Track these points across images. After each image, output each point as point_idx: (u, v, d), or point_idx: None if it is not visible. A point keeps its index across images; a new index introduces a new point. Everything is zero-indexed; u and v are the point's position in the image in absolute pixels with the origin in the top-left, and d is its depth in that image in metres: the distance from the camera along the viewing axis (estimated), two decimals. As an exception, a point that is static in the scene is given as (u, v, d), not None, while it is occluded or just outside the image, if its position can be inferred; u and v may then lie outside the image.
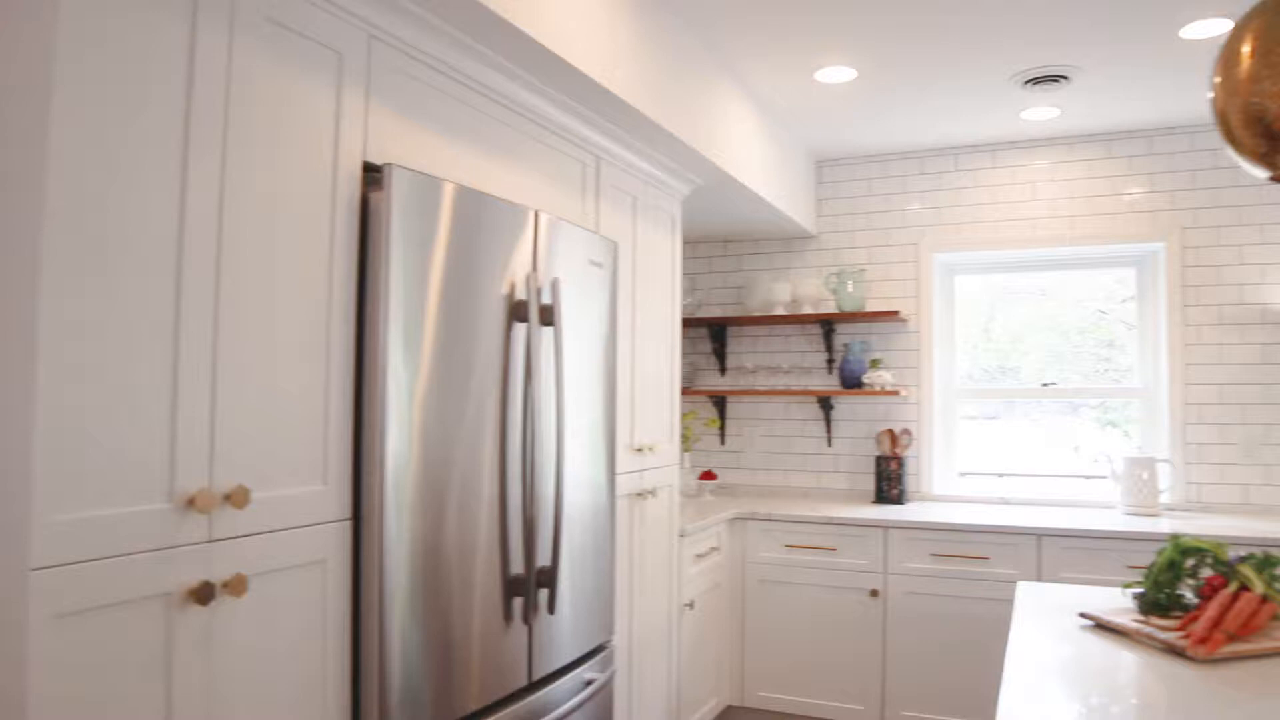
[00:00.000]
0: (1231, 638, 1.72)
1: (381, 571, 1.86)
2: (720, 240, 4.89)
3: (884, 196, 4.64)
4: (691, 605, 3.62)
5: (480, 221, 2.15)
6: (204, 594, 1.53)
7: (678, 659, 3.51)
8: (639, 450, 3.17)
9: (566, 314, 2.48)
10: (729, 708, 4.05)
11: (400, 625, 1.89)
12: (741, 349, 4.83)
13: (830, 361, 4.61)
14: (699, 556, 3.72)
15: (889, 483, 4.31)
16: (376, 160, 1.94)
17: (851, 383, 4.42)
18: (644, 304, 3.28)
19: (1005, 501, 4.31)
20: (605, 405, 2.74)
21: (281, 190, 1.72)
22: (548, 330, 2.35)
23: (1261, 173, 1.57)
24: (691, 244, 4.93)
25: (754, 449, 4.78)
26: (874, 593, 3.82)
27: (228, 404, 1.60)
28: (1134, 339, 4.41)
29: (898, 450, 4.36)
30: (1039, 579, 3.61)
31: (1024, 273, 4.65)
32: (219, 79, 1.59)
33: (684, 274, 4.87)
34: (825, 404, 4.59)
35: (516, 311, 2.25)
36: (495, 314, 2.19)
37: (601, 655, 2.71)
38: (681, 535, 3.52)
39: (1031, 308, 4.67)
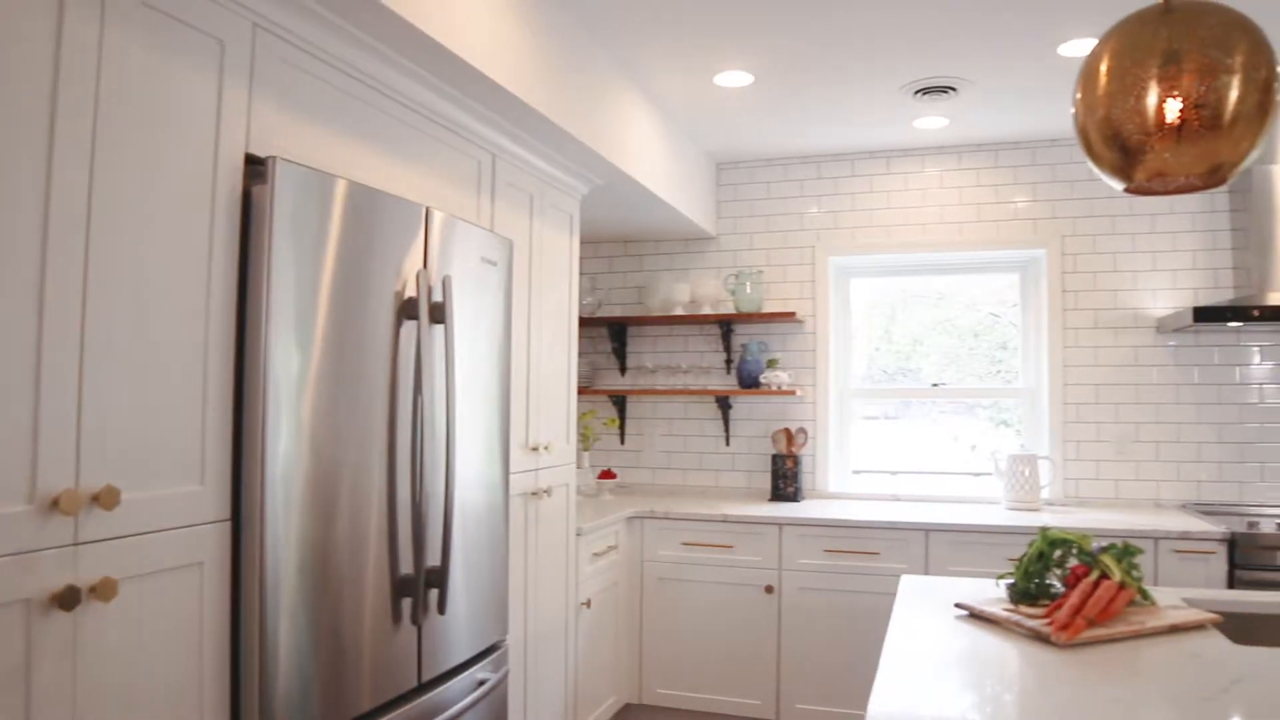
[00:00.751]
0: (1091, 623, 1.81)
1: (262, 574, 1.81)
2: (621, 240, 4.91)
3: (782, 200, 4.73)
4: (589, 604, 3.63)
5: (373, 218, 2.11)
6: (69, 599, 1.47)
7: (575, 657, 3.51)
8: (534, 449, 3.16)
9: (458, 312, 2.46)
10: (627, 705, 4.07)
11: (285, 628, 1.85)
12: (642, 349, 4.86)
13: (729, 361, 4.68)
14: (596, 555, 3.73)
15: (785, 481, 4.39)
16: (261, 153, 1.89)
17: (749, 383, 4.49)
18: (541, 302, 3.27)
19: (896, 498, 4.44)
20: (499, 404, 2.72)
21: (158, 182, 1.66)
22: (439, 328, 2.32)
23: (1119, 184, 1.65)
24: (593, 243, 4.94)
25: (654, 448, 4.81)
26: (769, 589, 3.89)
27: (96, 402, 1.54)
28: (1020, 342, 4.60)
29: (794, 449, 4.45)
30: (926, 573, 3.72)
31: (915, 276, 4.80)
32: (88, 68, 1.53)
33: (585, 273, 4.87)
34: (724, 403, 4.65)
35: (406, 309, 2.22)
36: (385, 312, 2.15)
37: (495, 655, 2.70)
38: (579, 534, 3.52)
39: (930, 311, 4.82)
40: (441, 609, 2.35)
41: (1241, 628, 2.14)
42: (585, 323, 4.68)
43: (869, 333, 4.87)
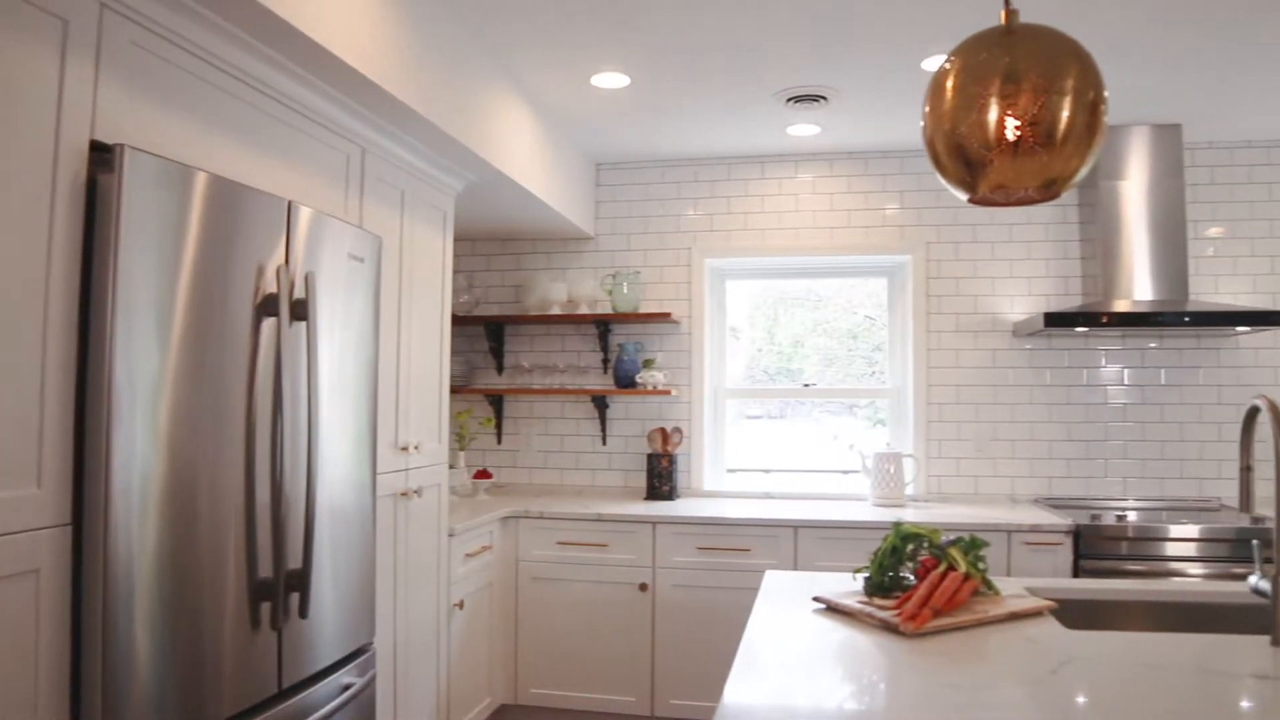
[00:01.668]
0: (938, 613, 1.89)
1: (107, 581, 1.73)
2: (499, 239, 4.87)
3: (660, 201, 4.78)
4: (462, 605, 3.59)
5: (234, 213, 2.04)
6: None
7: (447, 659, 3.47)
8: (404, 449, 3.11)
9: (323, 309, 2.40)
10: (502, 706, 4.05)
11: (134, 636, 1.77)
12: (519, 348, 4.83)
13: (606, 361, 4.70)
14: (470, 556, 3.70)
15: (660, 480, 4.44)
16: (109, 140, 1.80)
17: (626, 382, 4.53)
18: (413, 300, 3.22)
19: (769, 496, 4.54)
20: (367, 403, 2.67)
21: (-15, 165, 1.57)
22: (301, 326, 2.26)
23: (963, 195, 1.73)
24: (469, 241, 4.89)
25: (530, 448, 4.79)
26: (643, 587, 3.93)
27: (-87, 399, 1.44)
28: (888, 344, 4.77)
29: (669, 448, 4.50)
30: (796, 568, 3.82)
31: (788, 279, 4.93)
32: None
33: (462, 272, 4.81)
34: (600, 403, 4.67)
35: (267, 306, 2.16)
36: (245, 309, 2.08)
37: (362, 658, 2.64)
38: (451, 534, 3.48)
39: (810, 314, 4.96)
40: (303, 613, 2.29)
41: (1076, 613, 2.28)
42: (461, 321, 4.63)
43: (752, 334, 4.98)
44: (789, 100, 3.86)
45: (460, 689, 3.60)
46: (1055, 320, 3.93)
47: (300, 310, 2.25)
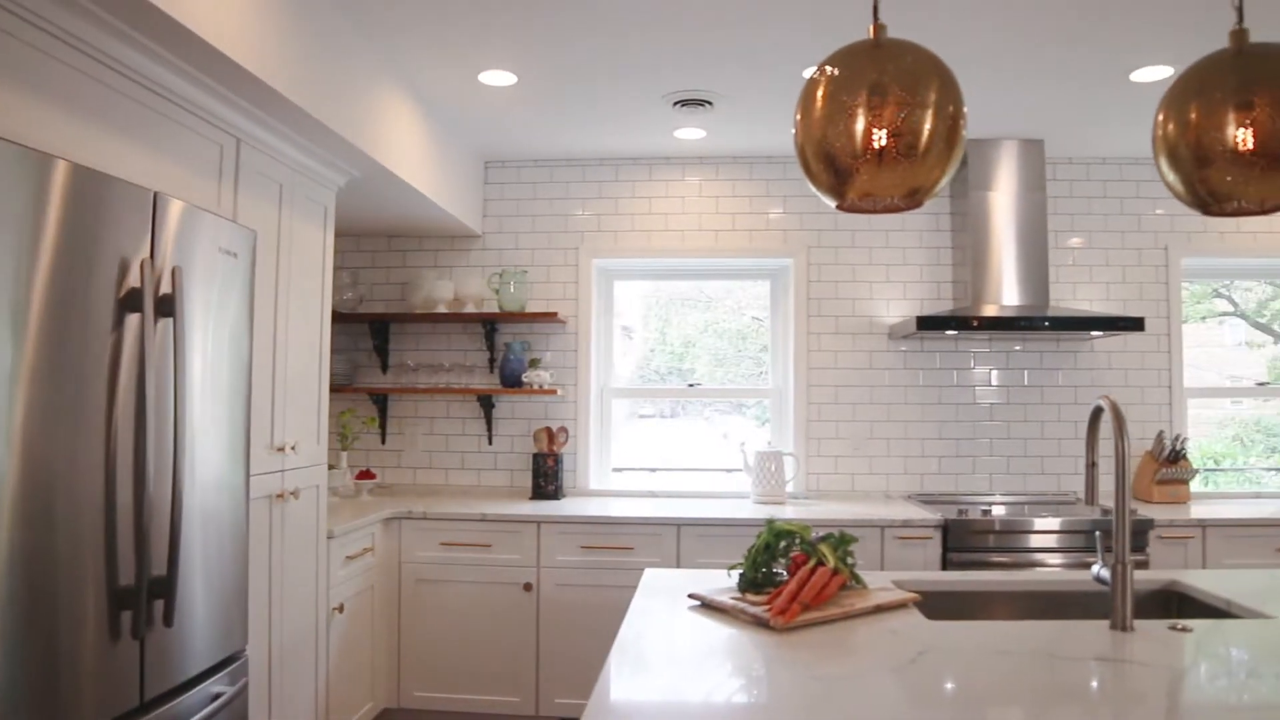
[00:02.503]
0: (807, 607, 1.96)
1: (-51, 590, 1.64)
2: (385, 235, 4.79)
3: (548, 200, 4.78)
4: (342, 608, 3.51)
5: (97, 203, 1.95)
6: None
7: (326, 664, 3.39)
8: (280, 450, 3.03)
9: (192, 305, 2.31)
10: (384, 711, 3.98)
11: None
12: (404, 346, 4.75)
13: (492, 360, 4.67)
14: (351, 558, 3.62)
15: (546, 479, 4.44)
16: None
17: (512, 382, 4.51)
18: (291, 296, 3.14)
19: (653, 495, 4.59)
20: (240, 402, 2.58)
21: None
22: (167, 322, 2.18)
23: (832, 202, 1.80)
24: (354, 237, 4.78)
25: (415, 448, 4.72)
26: (527, 587, 3.92)
27: None
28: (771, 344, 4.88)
29: (555, 448, 4.50)
30: (678, 565, 3.88)
31: (674, 281, 4.99)
32: None
33: (346, 268, 4.70)
34: (486, 402, 4.64)
35: (130, 302, 2.07)
36: (107, 305, 2.00)
37: (234, 666, 2.56)
38: (330, 536, 3.41)
39: (701, 314, 5.03)
40: (168, 621, 2.20)
41: (941, 604, 2.38)
42: (345, 319, 4.53)
43: (646, 334, 5.03)
44: (675, 103, 3.91)
45: (340, 694, 3.52)
46: (927, 323, 4.10)
47: (166, 306, 2.17)
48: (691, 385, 4.94)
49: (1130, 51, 3.36)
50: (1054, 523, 3.85)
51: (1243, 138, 1.77)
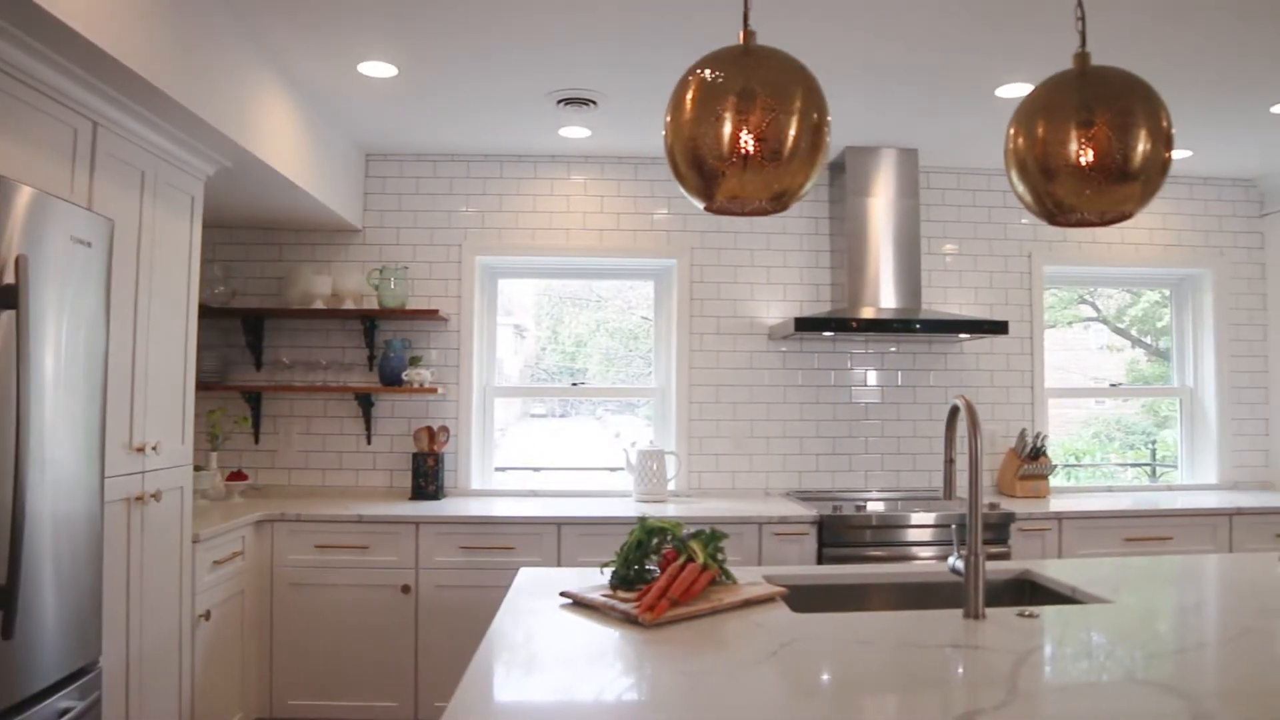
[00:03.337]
0: (676, 603, 1.99)
1: None
2: (260, 227, 4.63)
3: (431, 196, 4.71)
4: (208, 615, 3.38)
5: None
6: None
7: (191, 675, 3.26)
8: (140, 450, 2.90)
9: (41, 296, 2.20)
10: (254, 720, 3.85)
11: None
12: (279, 343, 4.61)
13: (372, 358, 4.57)
14: (219, 563, 3.49)
15: (426, 479, 4.38)
16: None
17: (392, 380, 4.42)
18: (153, 289, 3.01)
19: (535, 494, 4.57)
20: (95, 400, 2.46)
21: None
22: (10, 314, 2.06)
23: (701, 204, 1.83)
24: (227, 229, 4.61)
25: (291, 448, 4.59)
26: (406, 588, 3.85)
27: None
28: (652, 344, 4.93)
29: (436, 447, 4.44)
30: (559, 564, 3.87)
31: (559, 279, 5.00)
32: None
33: (218, 261, 4.52)
34: (365, 401, 4.54)
35: (-32, 291, 1.95)
36: (-62, 292, 1.88)
37: (85, 679, 2.43)
38: (196, 541, 3.28)
39: (593, 314, 5.04)
40: (7, 634, 2.08)
41: (812, 597, 2.45)
42: (216, 313, 4.36)
43: (538, 333, 5.02)
44: (560, 102, 3.91)
45: (207, 704, 3.39)
46: (805, 325, 4.20)
47: (9, 298, 2.05)
48: (575, 384, 4.94)
49: (995, 68, 3.52)
50: (926, 517, 4.01)
51: (1084, 154, 1.88)
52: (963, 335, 4.55)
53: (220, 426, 4.30)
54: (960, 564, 2.07)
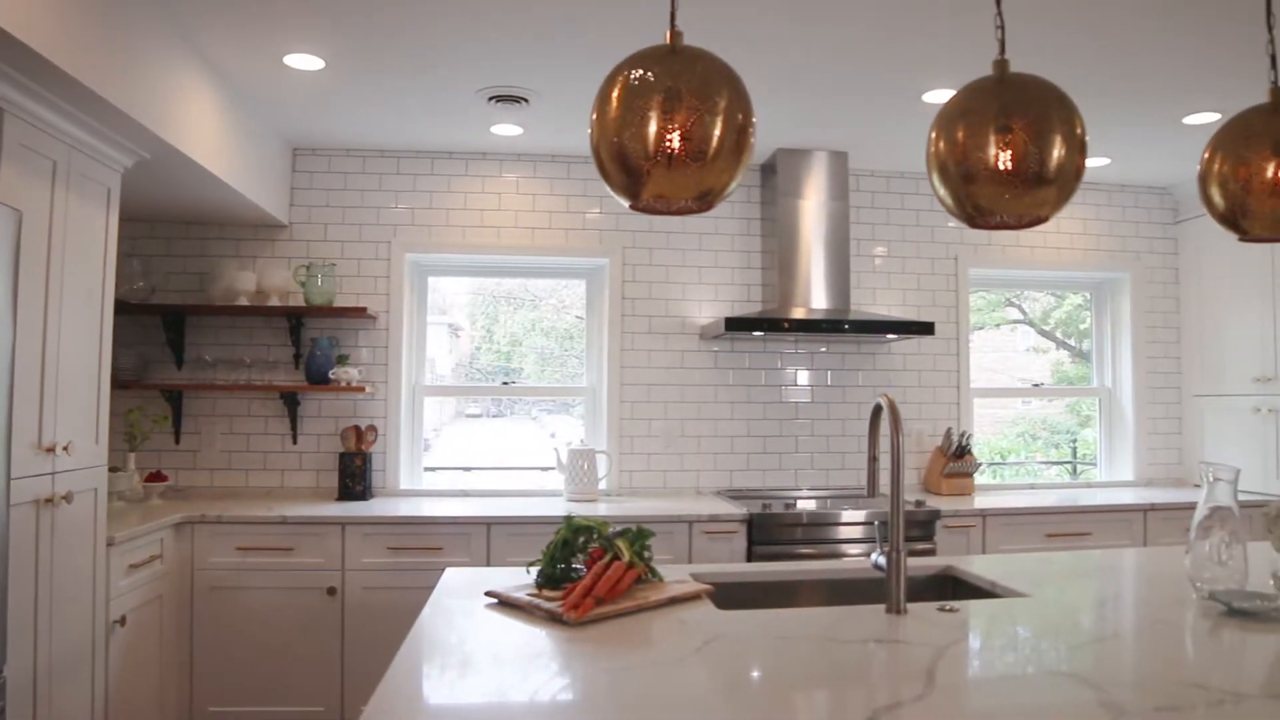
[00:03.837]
0: (601, 601, 1.98)
1: None
2: (182, 221, 4.50)
3: (360, 192, 4.63)
4: (123, 621, 3.28)
5: None
6: None
7: (105, 684, 3.15)
8: (49, 450, 2.80)
9: (-59, 290, 2.11)
10: (172, 728, 3.74)
11: None
12: (202, 340, 4.49)
13: (298, 356, 4.48)
14: (135, 567, 3.39)
15: (353, 479, 4.30)
16: None
17: (318, 379, 4.33)
18: (65, 284, 2.90)
19: (465, 494, 4.53)
20: (1, 398, 2.37)
21: None
22: (-94, 307, 1.97)
23: (626, 202, 1.83)
24: (147, 223, 4.47)
25: (213, 448, 4.47)
26: (331, 591, 3.78)
27: None
28: (584, 343, 4.92)
29: (364, 447, 4.37)
30: (488, 564, 3.84)
31: (490, 277, 4.97)
32: None
33: (137, 255, 4.39)
34: (291, 400, 4.45)
35: None
36: None
37: (-12, 690, 2.34)
38: (110, 544, 3.17)
39: (528, 313, 5.01)
40: (-97, 639, 2.00)
41: (738, 594, 2.46)
42: (135, 310, 4.22)
43: (473, 332, 4.98)
44: (491, 99, 3.87)
45: (122, 713, 3.29)
46: (735, 325, 4.23)
47: (-94, 291, 1.96)
48: (506, 383, 4.91)
49: (922, 74, 3.59)
50: (855, 515, 4.07)
51: (1002, 158, 1.92)
52: (890, 336, 4.63)
53: (138, 426, 4.17)
54: (883, 560, 2.10)
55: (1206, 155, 2.28)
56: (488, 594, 2.15)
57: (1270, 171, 2.17)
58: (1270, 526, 2.13)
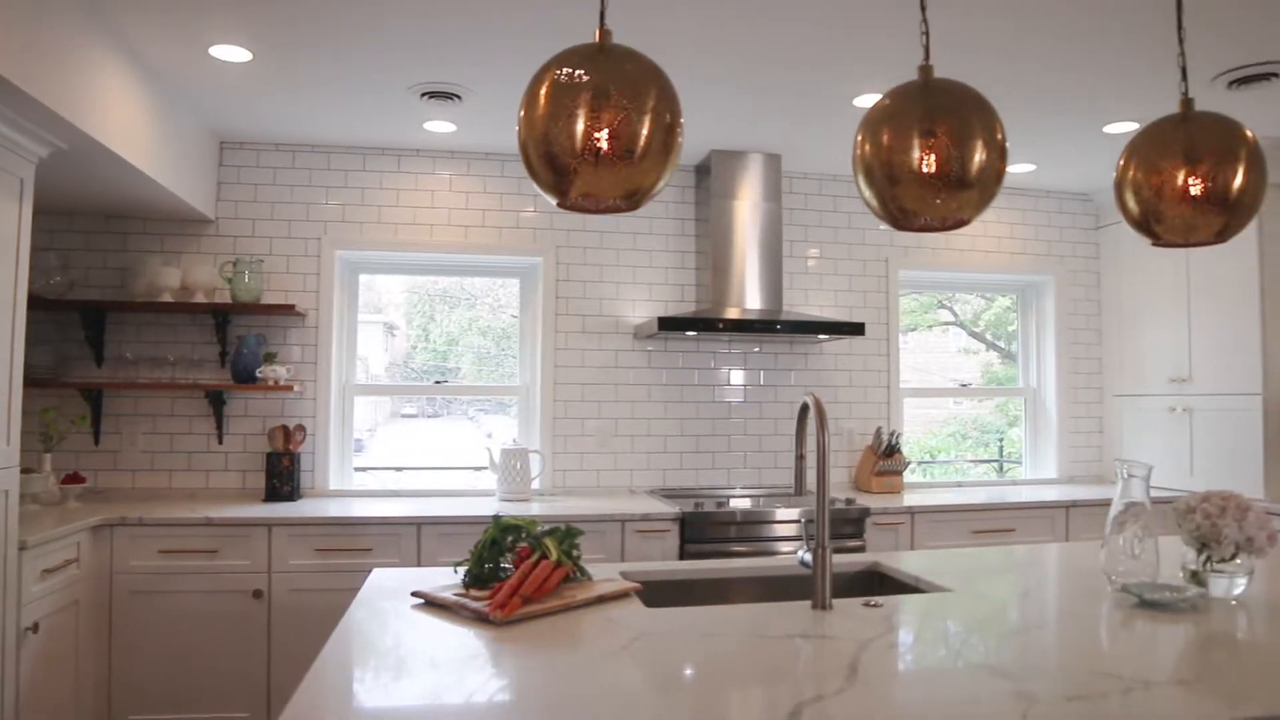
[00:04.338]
0: (528, 601, 1.97)
1: None
2: (102, 215, 4.36)
3: (289, 187, 4.54)
4: (36, 628, 3.17)
5: None
6: None
7: (15, 693, 3.04)
8: (-43, 450, 2.69)
9: None
10: (89, 737, 3.63)
11: None
12: (123, 338, 4.35)
13: (224, 354, 4.38)
14: (49, 572, 3.27)
15: (281, 480, 4.22)
16: None
17: (245, 377, 4.24)
18: (-25, 279, 2.80)
19: (396, 494, 4.47)
20: (-99, 396, 2.27)
21: None
22: None
23: (554, 200, 1.82)
24: (65, 215, 4.32)
25: (135, 448, 4.34)
26: (257, 593, 3.71)
27: None
28: (518, 342, 4.89)
29: (291, 447, 4.29)
30: (419, 565, 3.80)
31: (423, 275, 4.92)
32: None
33: (53, 249, 4.24)
34: (217, 399, 4.34)
35: None
36: None
37: (-112, 699, 2.25)
38: (22, 548, 3.06)
39: (465, 312, 4.96)
40: None
41: (669, 592, 2.48)
42: (51, 306, 4.08)
43: (409, 331, 4.92)
44: (424, 95, 3.83)
45: (34, 722, 3.18)
46: (669, 324, 4.25)
47: None
48: (438, 382, 4.86)
49: (853, 79, 3.64)
50: (789, 513, 4.11)
51: (925, 162, 1.96)
52: (822, 336, 4.69)
53: (54, 426, 4.03)
54: (809, 557, 2.12)
55: (1121, 163, 2.36)
56: (414, 594, 2.13)
57: (1181, 179, 2.24)
58: (1180, 521, 2.20)
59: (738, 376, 4.90)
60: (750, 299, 4.59)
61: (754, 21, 3.12)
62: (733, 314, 4.48)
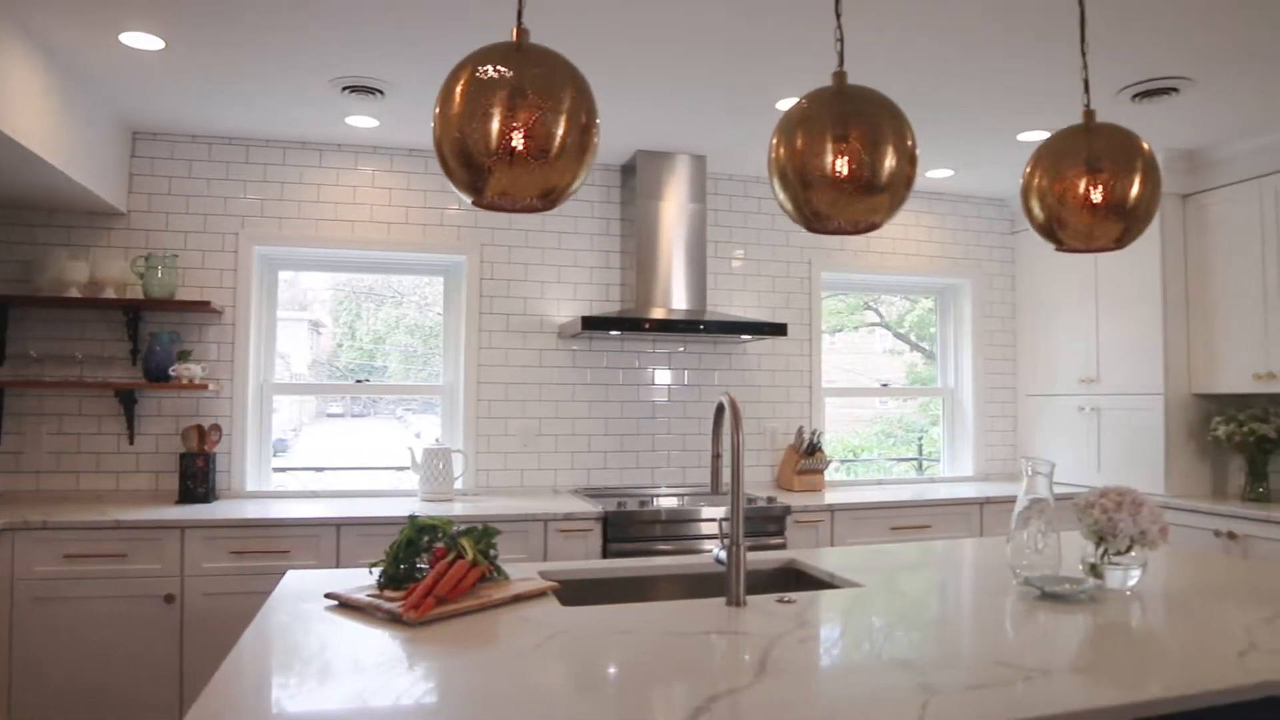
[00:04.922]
0: (443, 601, 1.96)
1: None
2: (6, 205, 4.20)
3: (206, 181, 4.43)
4: (-70, 635, 3.04)
5: None
6: None
7: (-93, 702, 2.92)
8: None
9: None
10: (-12, 750, 3.50)
11: None
12: (27, 334, 4.19)
13: (135, 352, 4.25)
14: (-55, 576, 3.15)
15: (195, 481, 4.12)
16: None
17: (157, 375, 4.12)
18: None
19: (316, 495, 4.40)
20: None
21: None
22: None
23: (469, 199, 1.82)
24: (-35, 208, 4.16)
25: (39, 449, 4.19)
26: (169, 598, 3.61)
27: None
28: (441, 341, 4.85)
29: (206, 447, 4.19)
30: (338, 566, 3.74)
31: (345, 272, 4.85)
32: None
33: (-47, 242, 4.08)
34: (128, 398, 4.21)
35: None
36: None
37: None
38: (-85, 552, 2.94)
39: (393, 310, 4.89)
40: None
41: (589, 591, 2.48)
42: (-51, 301, 3.93)
43: (335, 329, 4.83)
44: (345, 89, 3.77)
45: (-74, 734, 3.05)
46: (593, 324, 4.26)
47: None
48: (359, 381, 4.80)
49: (775, 82, 3.69)
50: (713, 511, 4.15)
51: (838, 166, 2.00)
52: (745, 336, 4.75)
53: (-47, 426, 3.87)
54: (724, 555, 2.15)
55: (1028, 170, 2.44)
56: (328, 595, 2.10)
57: (1082, 187, 2.33)
58: (1080, 516, 2.29)
59: (662, 376, 4.93)
60: (675, 299, 4.63)
61: (679, 22, 3.14)
62: (657, 314, 4.51)
